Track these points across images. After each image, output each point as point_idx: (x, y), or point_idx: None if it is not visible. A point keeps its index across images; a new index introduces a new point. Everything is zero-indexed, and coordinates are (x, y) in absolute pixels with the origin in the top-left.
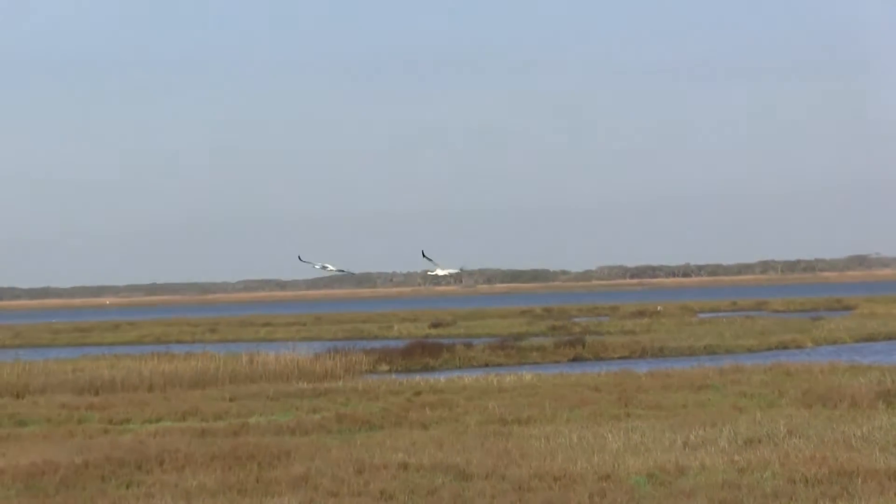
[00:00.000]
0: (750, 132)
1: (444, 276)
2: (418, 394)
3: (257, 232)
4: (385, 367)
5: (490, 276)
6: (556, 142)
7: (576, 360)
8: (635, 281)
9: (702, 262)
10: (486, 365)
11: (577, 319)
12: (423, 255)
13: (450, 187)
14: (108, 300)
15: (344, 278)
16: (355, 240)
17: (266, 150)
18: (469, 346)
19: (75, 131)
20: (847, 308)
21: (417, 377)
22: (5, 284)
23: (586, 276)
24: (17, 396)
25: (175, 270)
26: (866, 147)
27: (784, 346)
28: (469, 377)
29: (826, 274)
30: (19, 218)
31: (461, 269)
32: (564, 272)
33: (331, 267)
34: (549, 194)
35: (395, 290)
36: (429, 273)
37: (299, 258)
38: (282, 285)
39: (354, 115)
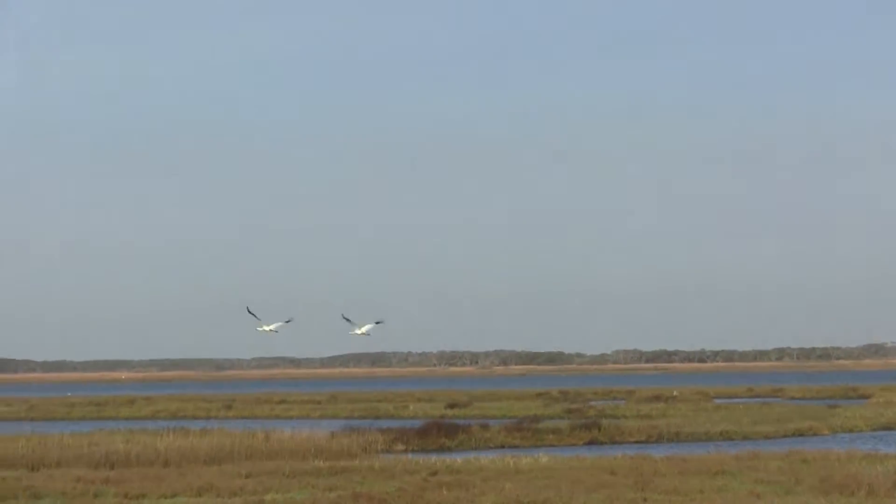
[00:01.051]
0: (766, 222)
1: (364, 335)
2: (434, 474)
3: (272, 310)
4: (401, 447)
5: (506, 358)
6: (574, 226)
7: (592, 443)
8: (650, 365)
9: (717, 348)
10: (503, 446)
11: (592, 403)
12: (343, 317)
13: (465, 270)
14: (123, 375)
15: (361, 357)
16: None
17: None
18: (485, 427)
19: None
20: (863, 396)
21: (434, 457)
22: (21, 357)
23: (602, 359)
24: (32, 469)
25: (189, 346)
26: (882, 238)
27: (801, 434)
28: (485, 458)
29: (842, 362)
30: (35, 291)
31: (377, 323)
32: (580, 355)
33: (368, 327)
34: (565, 278)
35: (410, 369)
36: (350, 333)
37: (247, 309)
38: (296, 363)
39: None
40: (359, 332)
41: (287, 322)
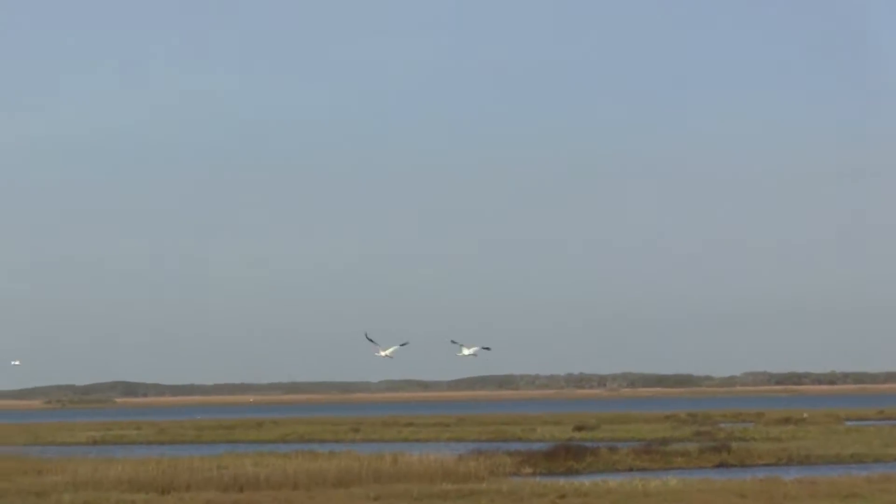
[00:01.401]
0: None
1: (388, 357)
2: (563, 496)
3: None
4: (529, 470)
5: (634, 381)
6: (704, 248)
7: (721, 465)
8: (780, 387)
9: (848, 370)
10: (631, 469)
11: (722, 425)
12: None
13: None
14: (251, 398)
15: (488, 380)
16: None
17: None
18: (613, 449)
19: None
20: None
21: (562, 480)
22: (150, 381)
23: (730, 381)
24: (163, 492)
25: (317, 370)
26: None
27: None
28: (614, 481)
29: None
30: (164, 317)
31: (402, 345)
32: (709, 378)
33: (392, 349)
34: (693, 300)
35: (538, 392)
36: (375, 354)
37: (365, 335)
38: (424, 385)
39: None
40: (383, 353)
41: (402, 345)
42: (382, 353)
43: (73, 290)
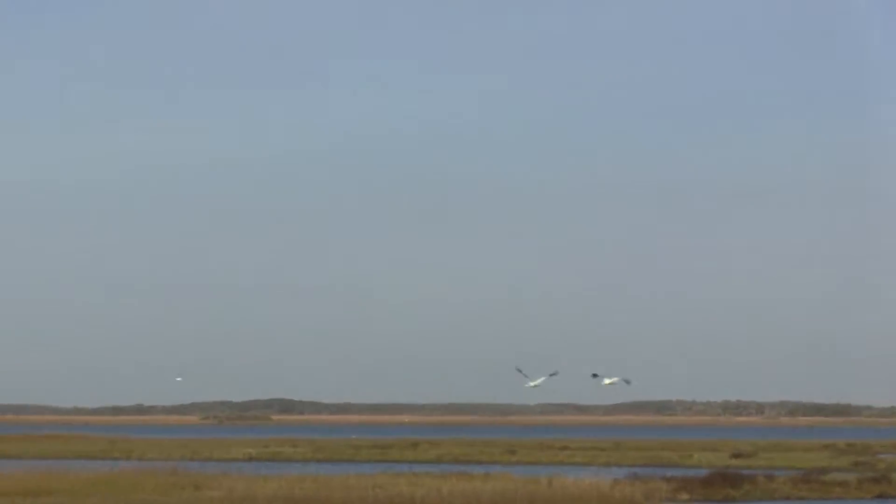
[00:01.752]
0: None
1: (538, 386)
2: None
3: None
4: (685, 496)
5: (792, 409)
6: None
7: (881, 496)
8: None
9: None
10: (788, 498)
11: (881, 455)
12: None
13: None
14: (406, 418)
15: (645, 405)
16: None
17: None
18: (771, 478)
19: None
20: None
21: None
22: (308, 399)
23: (891, 412)
24: None
25: (474, 391)
26: None
27: None
28: None
29: None
30: (321, 336)
31: (551, 375)
32: (869, 407)
33: (542, 380)
34: (853, 329)
35: (694, 418)
36: (525, 386)
37: (517, 368)
38: (581, 409)
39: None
40: (532, 384)
41: (552, 375)
42: (531, 384)
43: (234, 308)
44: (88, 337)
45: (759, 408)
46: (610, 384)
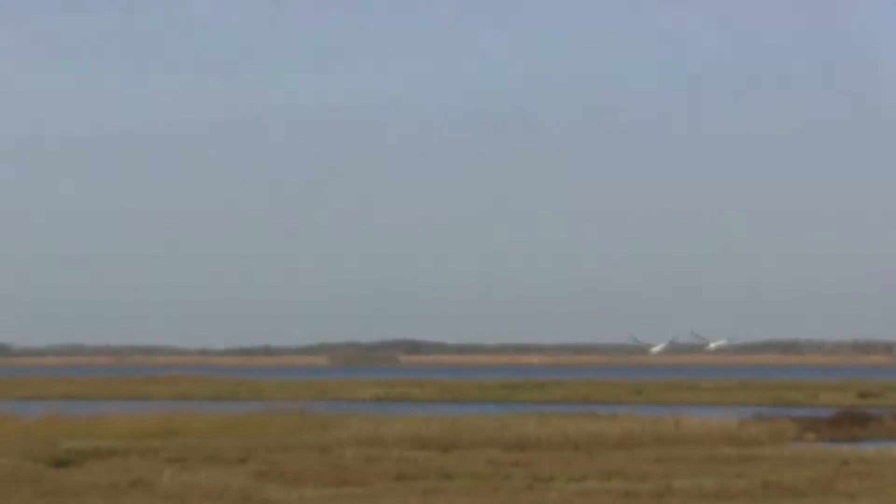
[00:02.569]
0: None
1: (715, 350)
2: (846, 464)
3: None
4: (811, 436)
5: None
6: None
7: None
8: None
9: None
10: None
11: None
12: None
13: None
14: (535, 359)
15: (772, 345)
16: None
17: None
18: None
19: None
20: None
21: (845, 447)
22: (435, 340)
23: None
24: (445, 450)
25: (602, 331)
26: None
27: None
28: None
29: None
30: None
31: (670, 342)
32: None
33: (661, 346)
34: None
35: (822, 358)
36: (649, 353)
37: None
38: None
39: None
40: (655, 350)
41: (671, 342)
42: (654, 350)
43: (364, 249)
44: (215, 279)
45: (888, 347)
46: (716, 348)
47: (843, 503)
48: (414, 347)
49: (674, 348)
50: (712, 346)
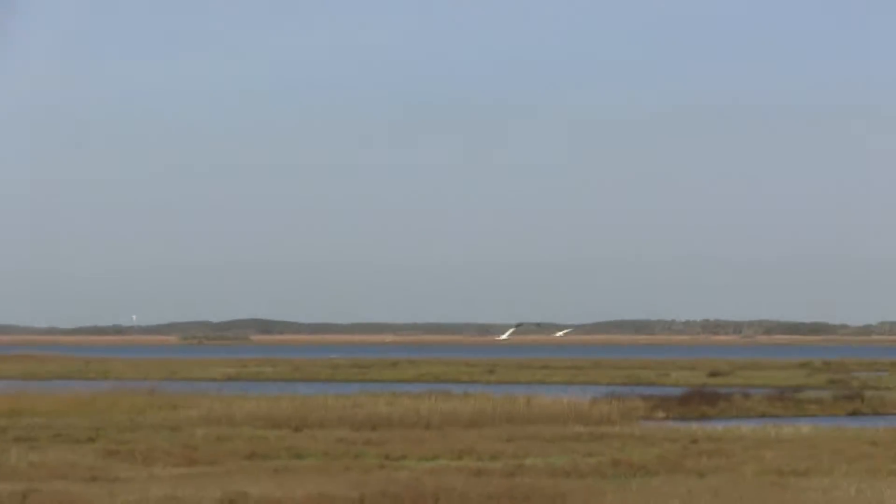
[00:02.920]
0: None
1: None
2: (695, 441)
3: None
4: (661, 414)
5: (769, 328)
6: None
7: (854, 414)
8: None
9: None
10: (764, 415)
11: (856, 374)
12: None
13: (729, 237)
14: (388, 338)
15: (624, 324)
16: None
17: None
18: (747, 396)
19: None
20: None
21: (694, 425)
22: (288, 319)
23: (866, 330)
24: (296, 429)
25: (454, 311)
26: None
27: None
28: (746, 427)
29: None
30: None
31: (517, 326)
32: (844, 326)
33: (510, 332)
34: (829, 246)
35: (673, 337)
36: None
37: (515, 326)
38: (559, 329)
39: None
40: (502, 337)
41: (518, 326)
42: (502, 337)
43: (212, 224)
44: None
45: (737, 327)
46: (507, 337)
47: (693, 481)
48: (266, 326)
49: (522, 331)
50: (558, 334)
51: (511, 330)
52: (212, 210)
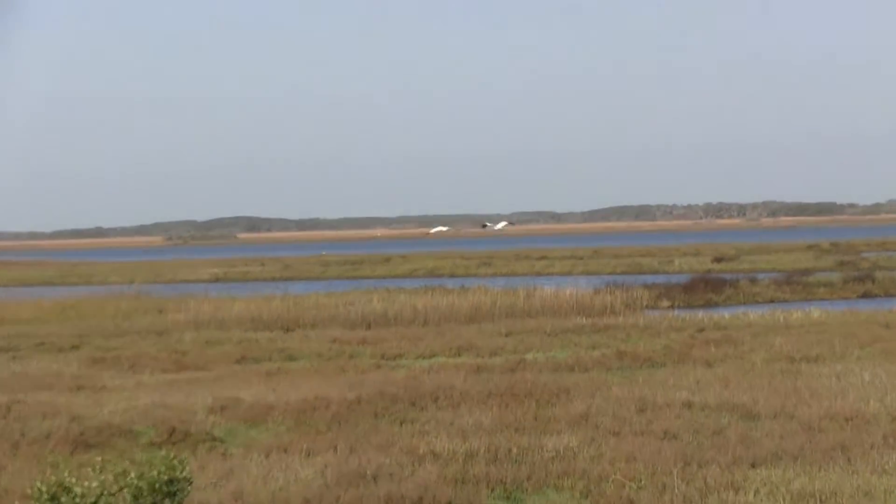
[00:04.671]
0: None
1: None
2: (701, 330)
3: (530, 163)
4: (666, 303)
5: (774, 210)
6: (843, 75)
7: (865, 296)
8: None
9: None
10: (772, 301)
11: (865, 254)
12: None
13: (731, 118)
14: (378, 232)
15: (624, 210)
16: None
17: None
18: (754, 281)
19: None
20: None
21: (700, 313)
22: (275, 216)
23: (875, 209)
24: (287, 330)
25: (450, 201)
26: None
27: None
28: (754, 313)
29: None
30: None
31: (510, 224)
32: (852, 205)
33: (503, 224)
34: (834, 124)
35: (675, 222)
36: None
37: (483, 225)
38: (556, 217)
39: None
40: (496, 228)
41: (506, 224)
42: (495, 228)
43: (194, 122)
44: (42, 158)
45: (741, 210)
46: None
47: (700, 371)
48: (253, 224)
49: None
50: (498, 226)
51: (503, 224)
52: (196, 108)
